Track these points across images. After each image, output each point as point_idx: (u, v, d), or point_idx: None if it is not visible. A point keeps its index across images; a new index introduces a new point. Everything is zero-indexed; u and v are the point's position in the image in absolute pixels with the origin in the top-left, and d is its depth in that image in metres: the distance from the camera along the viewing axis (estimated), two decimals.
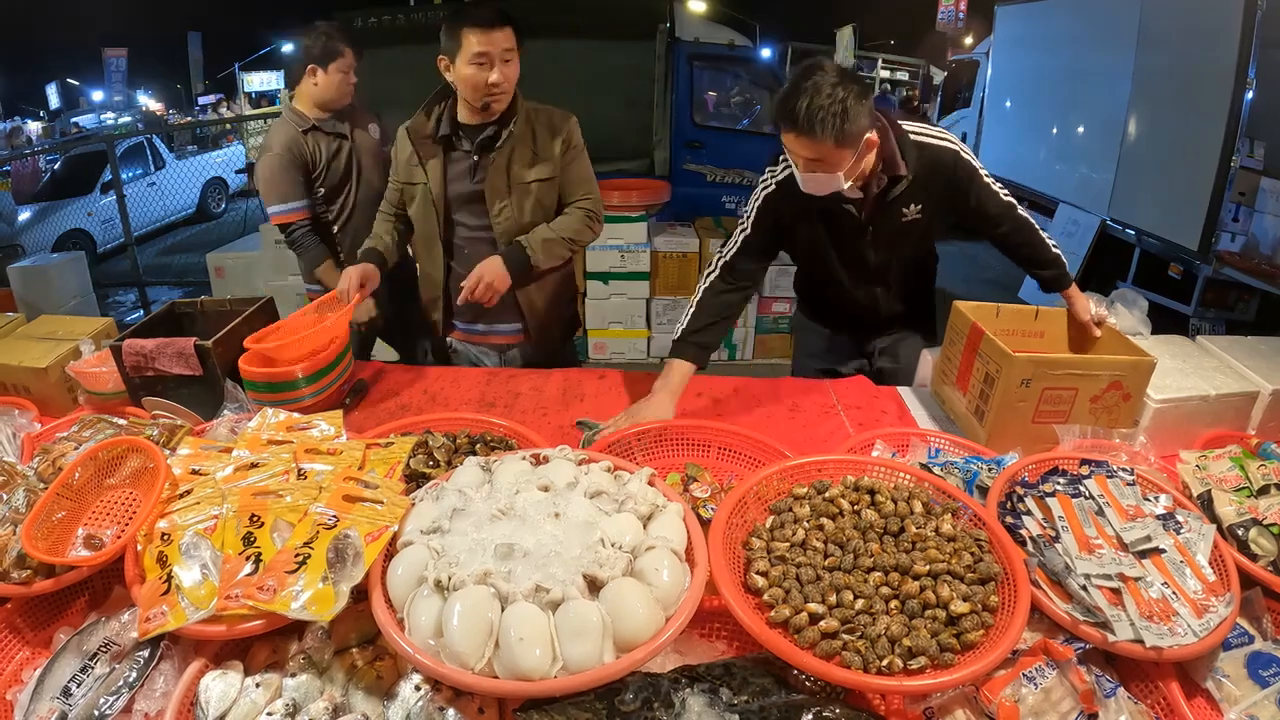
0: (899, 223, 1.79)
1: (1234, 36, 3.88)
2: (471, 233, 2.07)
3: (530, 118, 1.99)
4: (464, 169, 2.00)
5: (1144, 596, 1.06)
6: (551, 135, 2.00)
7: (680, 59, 5.19)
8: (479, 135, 1.97)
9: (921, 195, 1.75)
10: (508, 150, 1.96)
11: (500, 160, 1.96)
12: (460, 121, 1.98)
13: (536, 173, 1.99)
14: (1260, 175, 4.11)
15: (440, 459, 1.39)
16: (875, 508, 1.18)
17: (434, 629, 0.95)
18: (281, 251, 4.64)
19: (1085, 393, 1.50)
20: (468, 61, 1.84)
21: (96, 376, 1.74)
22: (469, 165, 1.99)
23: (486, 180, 1.98)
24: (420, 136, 2.00)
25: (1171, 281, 4.59)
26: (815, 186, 1.60)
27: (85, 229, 8.06)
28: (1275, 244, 4.06)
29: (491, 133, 1.96)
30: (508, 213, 2.00)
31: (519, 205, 2.00)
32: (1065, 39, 5.84)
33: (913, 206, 1.77)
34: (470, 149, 1.98)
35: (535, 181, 2.00)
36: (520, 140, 1.97)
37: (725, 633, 1.13)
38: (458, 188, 2.02)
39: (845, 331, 2.16)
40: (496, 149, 1.96)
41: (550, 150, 2.00)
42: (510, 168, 1.97)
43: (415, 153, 2.01)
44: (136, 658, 1.02)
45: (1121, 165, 5.03)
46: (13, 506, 1.22)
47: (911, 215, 1.78)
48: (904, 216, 1.78)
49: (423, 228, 2.09)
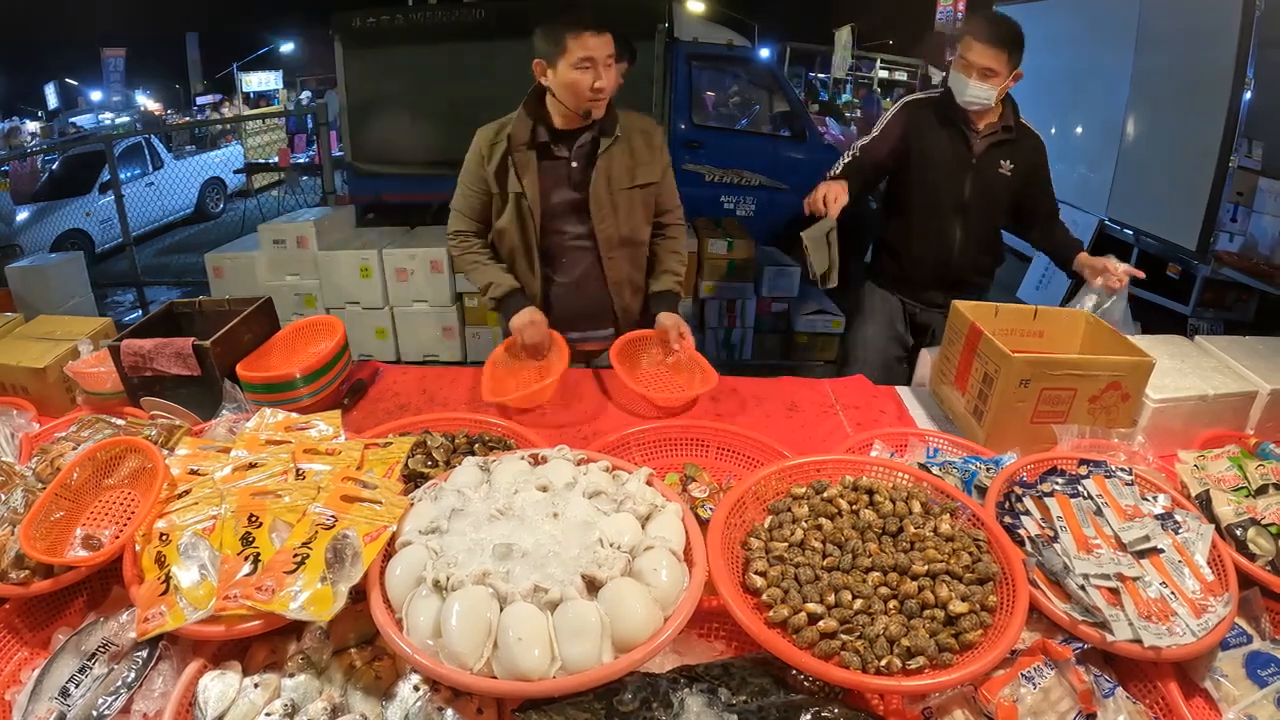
0: (995, 172, 2.20)
1: (1232, 36, 3.88)
2: (570, 241, 2.02)
3: (623, 121, 1.95)
4: (561, 176, 1.95)
5: (1142, 596, 1.06)
6: (648, 142, 1.98)
7: (679, 59, 5.19)
8: (576, 141, 1.92)
9: (1017, 157, 2.20)
10: (609, 158, 1.92)
11: (603, 169, 1.92)
12: (556, 128, 1.92)
13: (639, 179, 1.97)
14: (1258, 175, 4.11)
15: (439, 459, 1.39)
16: (874, 508, 1.18)
17: (432, 629, 0.95)
18: (280, 252, 4.64)
19: (1084, 393, 1.50)
20: (571, 66, 1.77)
21: (95, 376, 1.74)
22: (566, 172, 1.94)
23: (591, 189, 1.94)
24: (517, 143, 1.91)
25: (1170, 281, 4.59)
26: (977, 94, 2.07)
27: (83, 229, 8.04)
28: (1273, 244, 4.07)
29: (591, 139, 1.92)
30: (610, 221, 1.98)
31: (623, 214, 1.98)
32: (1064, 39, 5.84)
33: (1006, 163, 2.20)
34: (568, 155, 1.93)
35: (637, 188, 1.98)
36: (621, 148, 1.94)
37: (724, 633, 1.13)
38: (555, 196, 1.96)
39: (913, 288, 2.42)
40: (600, 156, 1.91)
41: (648, 157, 1.98)
42: (612, 176, 1.94)
43: (510, 160, 1.92)
44: (135, 658, 1.02)
45: (1120, 165, 5.03)
46: (11, 507, 1.21)
47: (1005, 170, 2.20)
48: (999, 168, 2.20)
49: (516, 238, 2.01)
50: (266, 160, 9.62)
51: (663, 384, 1.93)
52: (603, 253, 2.02)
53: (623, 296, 2.10)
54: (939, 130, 2.21)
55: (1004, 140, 2.18)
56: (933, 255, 2.32)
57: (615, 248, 2.02)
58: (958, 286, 2.31)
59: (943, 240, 2.29)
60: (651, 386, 1.90)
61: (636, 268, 2.10)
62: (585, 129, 1.92)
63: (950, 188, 2.23)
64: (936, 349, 1.86)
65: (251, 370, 1.72)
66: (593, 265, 2.05)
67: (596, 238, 1.99)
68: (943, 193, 2.24)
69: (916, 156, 2.24)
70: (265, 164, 9.51)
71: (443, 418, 1.58)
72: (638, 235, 2.05)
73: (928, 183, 2.25)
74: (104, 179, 7.96)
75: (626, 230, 2.01)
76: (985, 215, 2.28)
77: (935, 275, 2.35)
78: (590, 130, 1.92)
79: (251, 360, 1.77)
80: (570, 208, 1.98)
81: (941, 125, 2.20)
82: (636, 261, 2.09)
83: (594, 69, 1.78)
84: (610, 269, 2.05)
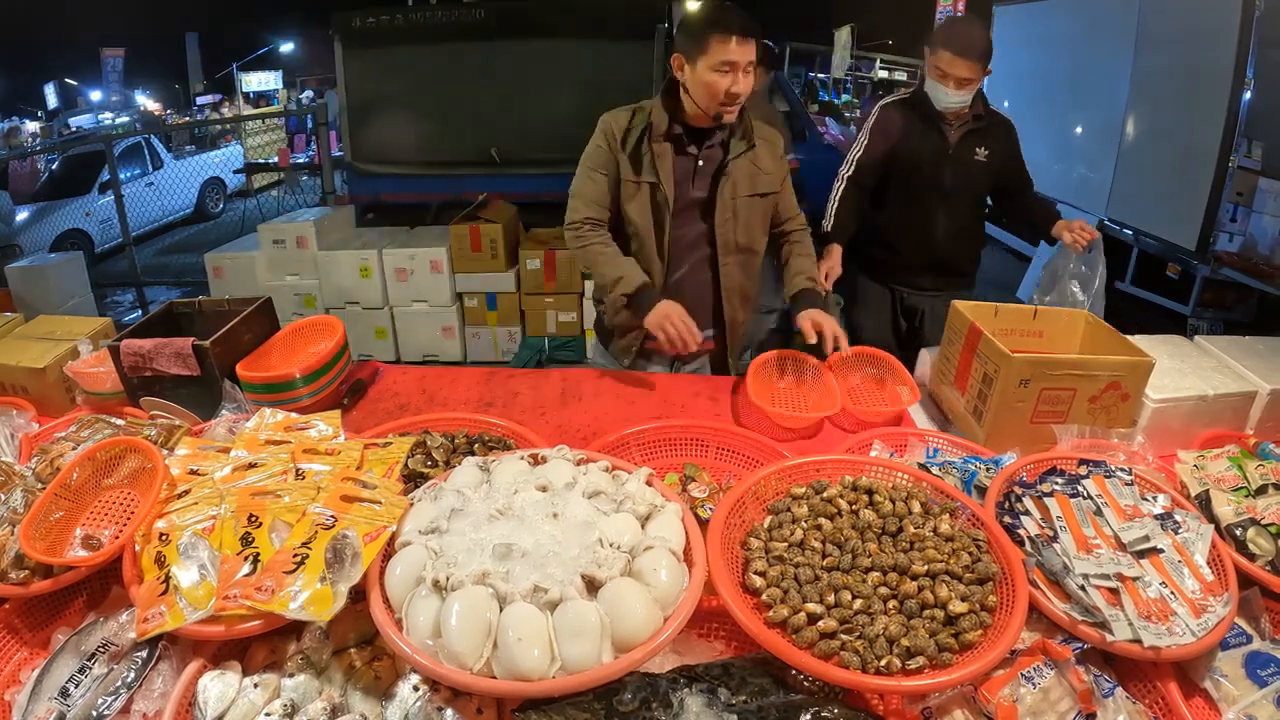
0: (972, 159, 2.36)
1: (1232, 36, 3.88)
2: (688, 240, 1.99)
3: (748, 127, 1.94)
4: (687, 173, 1.93)
5: (1142, 596, 1.06)
6: (772, 153, 1.97)
7: None
8: (707, 141, 1.91)
9: (990, 143, 2.37)
10: (738, 164, 1.91)
11: (731, 173, 1.91)
12: (689, 124, 1.90)
13: (761, 188, 1.96)
14: (1258, 175, 4.10)
15: (438, 459, 1.39)
16: (873, 508, 1.18)
17: (432, 629, 0.95)
18: (280, 252, 4.64)
19: (1084, 393, 1.50)
20: (712, 67, 1.75)
21: (94, 376, 1.74)
22: (693, 170, 1.93)
23: (719, 191, 1.92)
24: (656, 133, 1.90)
25: (1169, 281, 4.59)
26: (956, 101, 2.25)
27: (83, 229, 8.04)
28: (1273, 244, 4.06)
29: (721, 141, 1.91)
30: (730, 226, 1.96)
31: (743, 220, 1.97)
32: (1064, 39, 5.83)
33: (982, 150, 2.36)
34: (697, 153, 1.92)
35: (758, 196, 1.97)
36: (749, 155, 1.93)
37: (723, 633, 1.13)
38: (681, 192, 1.94)
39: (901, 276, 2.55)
40: (730, 161, 1.90)
41: (772, 167, 1.97)
42: (738, 181, 1.93)
43: (650, 148, 1.90)
44: (135, 658, 1.02)
45: (1120, 165, 5.03)
46: (11, 507, 1.21)
47: (981, 156, 2.36)
48: (975, 155, 2.36)
49: (645, 229, 1.96)
50: (266, 160, 9.62)
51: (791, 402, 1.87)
52: (720, 256, 1.99)
53: (732, 304, 2.07)
54: (915, 127, 2.37)
55: (976, 128, 2.36)
56: (919, 244, 2.47)
57: (732, 253, 2.00)
58: (944, 271, 2.51)
59: (927, 229, 2.43)
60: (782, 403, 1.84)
61: (749, 277, 2.07)
62: (718, 129, 1.91)
63: (931, 179, 2.38)
64: (936, 349, 1.87)
65: (251, 370, 1.72)
66: (706, 268, 2.03)
67: (716, 241, 1.97)
68: (924, 184, 2.39)
69: (898, 154, 2.40)
70: (265, 164, 9.51)
71: (442, 418, 1.58)
72: (755, 244, 2.03)
73: (910, 177, 2.40)
74: (104, 179, 7.96)
75: (744, 238, 1.99)
76: (966, 202, 2.44)
77: (922, 262, 2.50)
78: (722, 131, 1.91)
79: (251, 360, 1.77)
80: (693, 206, 1.96)
81: (917, 122, 2.37)
82: (749, 270, 2.06)
83: (733, 73, 1.76)
84: (725, 274, 2.02)
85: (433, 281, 4.64)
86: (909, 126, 2.38)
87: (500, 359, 4.79)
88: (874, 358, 1.93)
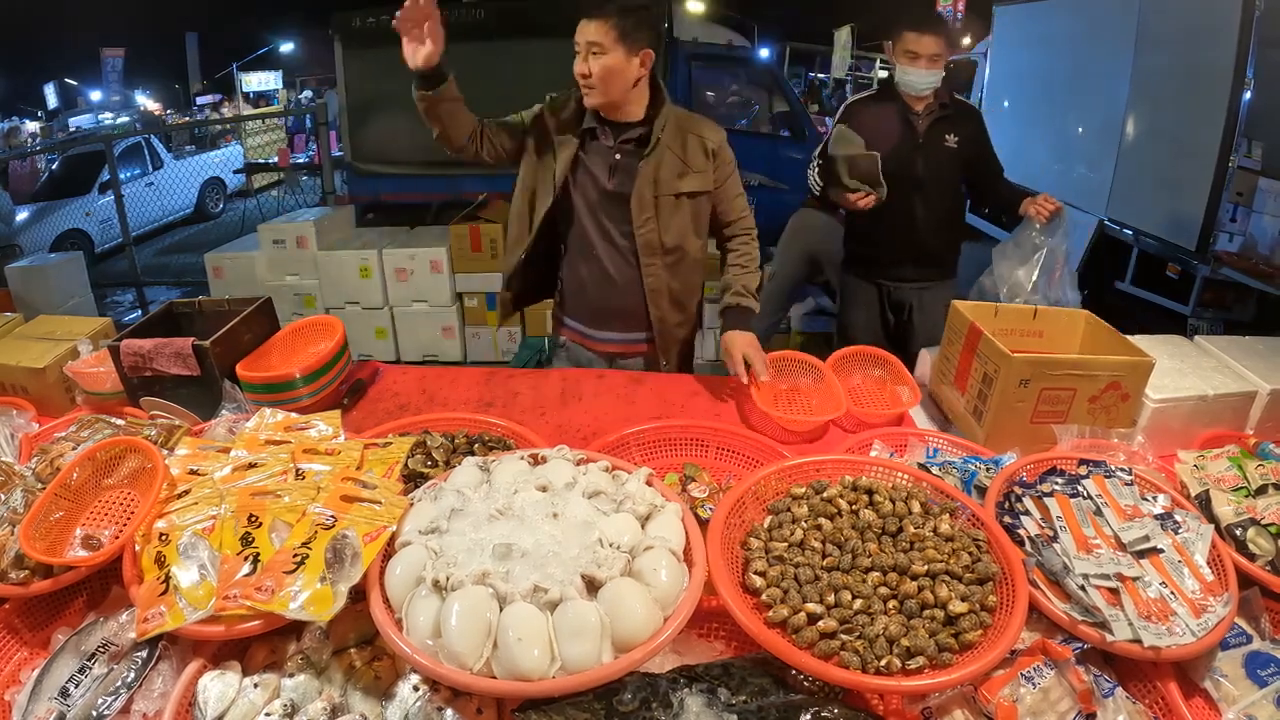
0: (942, 146, 2.41)
1: (1232, 36, 3.88)
2: (608, 236, 1.96)
3: (681, 124, 1.90)
4: (600, 165, 1.90)
5: (1142, 596, 1.06)
6: (703, 149, 1.91)
7: (679, 59, 5.19)
8: (623, 135, 1.88)
9: (958, 130, 2.43)
10: (657, 160, 1.86)
11: (648, 170, 1.87)
12: (604, 116, 1.88)
13: (686, 184, 1.90)
14: (1258, 175, 4.10)
15: (438, 459, 1.39)
16: (873, 508, 1.18)
17: (432, 629, 0.95)
18: (280, 252, 4.64)
19: (1084, 393, 1.50)
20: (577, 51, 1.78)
21: (94, 376, 1.74)
22: (608, 163, 1.89)
23: (634, 187, 1.87)
24: (563, 122, 1.90)
25: (1169, 281, 4.59)
26: (929, 80, 2.32)
27: (83, 229, 8.05)
28: (1273, 244, 4.06)
29: (639, 136, 1.87)
30: (651, 224, 1.91)
31: (665, 219, 1.91)
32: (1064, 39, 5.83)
33: (951, 137, 2.42)
34: (613, 146, 1.88)
35: (685, 196, 1.91)
36: (669, 146, 1.87)
37: (723, 633, 1.13)
38: (595, 186, 1.92)
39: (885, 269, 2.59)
40: (647, 155, 1.86)
41: (702, 165, 1.91)
42: (659, 179, 1.88)
43: (552, 135, 1.90)
44: (135, 658, 1.02)
45: (1120, 165, 5.03)
46: (11, 507, 1.21)
47: (951, 143, 2.42)
48: (945, 142, 2.41)
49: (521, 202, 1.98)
50: (266, 160, 9.62)
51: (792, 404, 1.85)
52: (642, 256, 1.95)
53: (659, 306, 2.00)
54: (883, 121, 2.41)
55: (944, 116, 2.42)
56: (899, 236, 2.50)
57: (657, 254, 1.94)
58: (926, 262, 2.56)
59: (906, 220, 2.46)
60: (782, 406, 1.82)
61: (679, 279, 2.00)
62: (638, 123, 1.88)
63: (904, 170, 2.38)
64: (936, 349, 1.86)
65: (251, 370, 1.72)
66: (630, 267, 1.98)
67: (635, 240, 1.94)
68: (898, 175, 2.35)
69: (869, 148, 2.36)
70: (265, 164, 9.51)
71: (442, 418, 1.58)
72: (685, 245, 1.97)
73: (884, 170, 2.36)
74: (104, 179, 7.97)
75: (671, 239, 1.94)
76: (940, 190, 2.49)
77: (904, 254, 2.54)
78: (642, 126, 1.88)
79: (251, 360, 1.77)
80: (611, 201, 1.92)
81: (885, 116, 2.42)
82: (680, 272, 1.99)
83: (581, 55, 1.78)
84: (648, 274, 1.96)
85: (433, 281, 4.64)
86: (877, 121, 2.40)
87: (500, 359, 4.79)
88: (874, 357, 1.93)
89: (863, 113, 2.45)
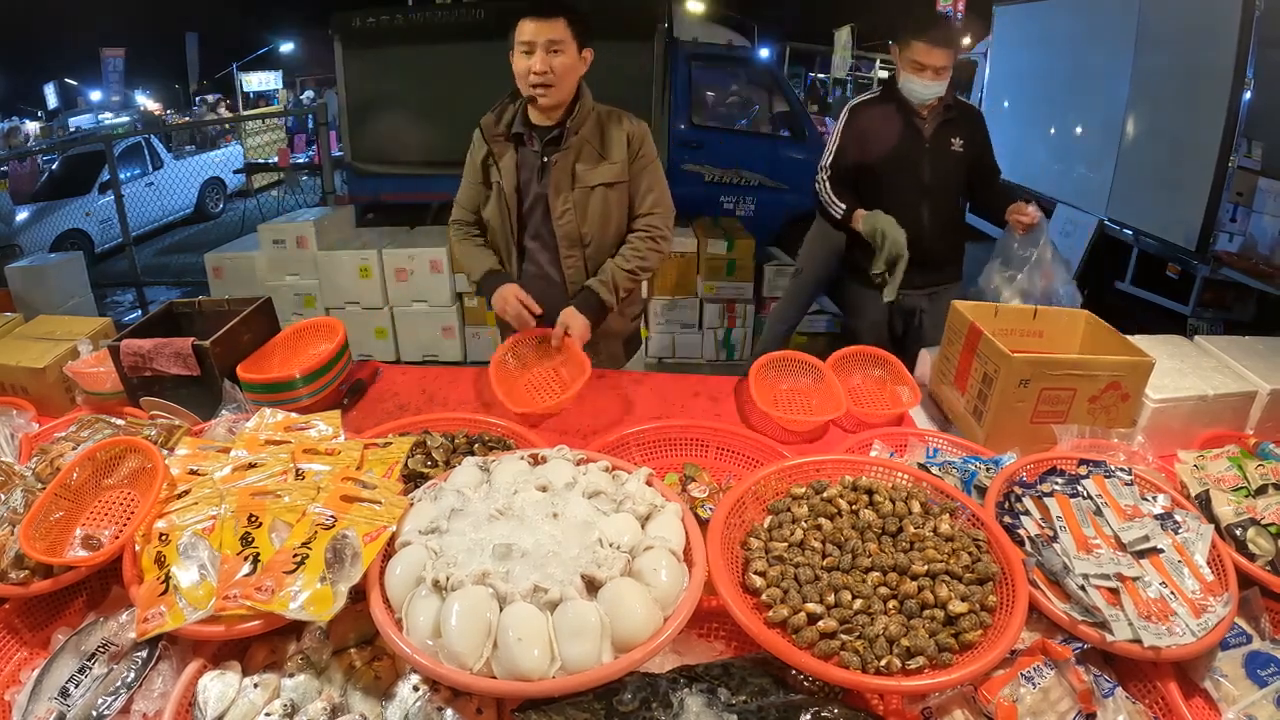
0: (949, 150, 2.38)
1: (1232, 36, 3.88)
2: (538, 235, 2.00)
3: (601, 119, 1.93)
4: (533, 169, 1.94)
5: (1142, 596, 1.06)
6: (622, 140, 1.92)
7: (678, 59, 5.19)
8: (548, 135, 1.91)
9: (963, 131, 2.40)
10: (572, 153, 1.90)
11: (563, 164, 1.90)
12: (532, 121, 1.92)
13: (600, 175, 1.92)
14: (1258, 175, 4.10)
15: (438, 459, 1.39)
16: (873, 508, 1.18)
17: (432, 629, 0.95)
18: (279, 252, 4.64)
19: (1084, 393, 1.50)
20: (516, 50, 1.80)
21: (94, 376, 1.74)
22: (537, 165, 1.93)
23: (550, 180, 1.91)
24: (493, 133, 1.94)
25: (1169, 282, 4.59)
26: (934, 91, 2.28)
27: (83, 229, 8.05)
28: (1273, 244, 4.06)
29: (559, 133, 1.90)
30: (570, 219, 1.94)
31: (581, 211, 1.93)
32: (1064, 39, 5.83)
33: (957, 140, 2.39)
34: (539, 149, 1.92)
35: (602, 187, 1.92)
36: (588, 140, 1.90)
37: (723, 633, 1.13)
38: (529, 189, 1.96)
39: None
40: (562, 149, 1.89)
41: (617, 153, 1.92)
42: (576, 172, 1.91)
43: (489, 151, 1.95)
44: (135, 658, 1.02)
45: (1120, 165, 5.03)
46: (11, 507, 1.21)
47: (956, 146, 2.39)
48: (951, 145, 2.38)
49: (498, 228, 2.01)
50: (266, 160, 9.62)
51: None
52: (562, 250, 1.97)
53: None
54: (889, 124, 2.38)
55: (949, 119, 2.38)
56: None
57: (576, 246, 1.97)
58: (932, 267, 2.47)
59: (913, 227, 2.35)
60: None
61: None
62: (563, 125, 1.90)
63: (910, 174, 2.39)
64: (936, 349, 1.86)
65: (252, 371, 1.72)
66: (553, 264, 2.01)
67: (556, 233, 1.97)
68: (904, 180, 2.38)
69: (874, 152, 2.40)
70: (265, 164, 9.51)
71: (442, 418, 1.58)
72: (603, 237, 1.98)
73: (889, 174, 2.40)
74: (104, 179, 7.97)
75: (589, 230, 1.95)
76: (946, 194, 2.46)
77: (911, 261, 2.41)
78: (561, 124, 1.90)
79: (252, 362, 1.77)
80: (539, 201, 1.96)
81: (890, 119, 2.38)
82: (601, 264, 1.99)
83: (534, 53, 1.78)
84: (568, 267, 1.99)
85: (433, 281, 4.64)
86: (882, 124, 2.38)
87: None
88: (874, 357, 1.93)
89: (868, 115, 2.43)
